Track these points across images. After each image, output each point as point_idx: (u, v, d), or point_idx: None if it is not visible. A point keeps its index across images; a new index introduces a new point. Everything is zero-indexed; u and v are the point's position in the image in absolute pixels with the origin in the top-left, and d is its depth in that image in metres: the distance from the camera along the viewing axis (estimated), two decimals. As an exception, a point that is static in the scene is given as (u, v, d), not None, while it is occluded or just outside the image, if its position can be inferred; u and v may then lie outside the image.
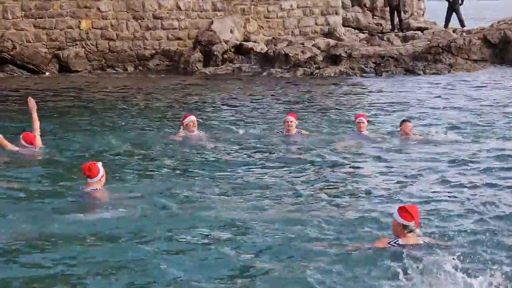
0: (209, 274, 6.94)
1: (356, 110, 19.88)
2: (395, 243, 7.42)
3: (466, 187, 11.98)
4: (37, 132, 14.01)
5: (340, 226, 9.21)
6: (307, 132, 16.12)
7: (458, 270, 6.69)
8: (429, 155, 14.27)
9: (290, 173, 12.77)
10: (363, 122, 15.84)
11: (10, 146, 13.53)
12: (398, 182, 11.76)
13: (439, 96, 22.85)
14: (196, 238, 8.59)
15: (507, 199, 11.21)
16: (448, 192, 11.61)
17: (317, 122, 18.28)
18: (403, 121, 16.06)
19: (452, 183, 12.00)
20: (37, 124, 14.07)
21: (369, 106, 21.26)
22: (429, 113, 19.59)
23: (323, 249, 7.95)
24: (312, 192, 11.36)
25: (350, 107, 21.21)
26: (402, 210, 8.38)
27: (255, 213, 10.03)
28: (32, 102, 13.99)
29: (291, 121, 15.54)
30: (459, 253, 7.32)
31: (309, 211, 10.16)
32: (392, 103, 21.50)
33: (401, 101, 21.73)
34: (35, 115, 13.66)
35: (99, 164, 10.60)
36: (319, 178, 12.39)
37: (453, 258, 6.96)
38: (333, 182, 12.04)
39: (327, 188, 11.60)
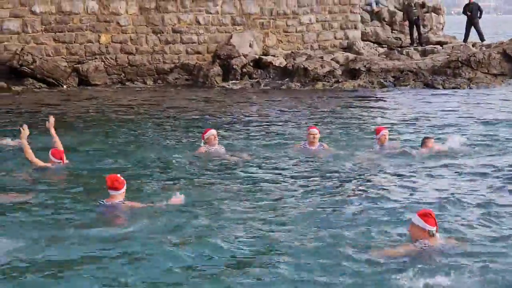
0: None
1: (376, 124, 19.59)
2: (424, 246, 7.42)
3: (483, 195, 11.88)
4: (61, 148, 14.12)
5: (361, 235, 9.03)
6: (328, 147, 15.98)
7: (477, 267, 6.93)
8: (450, 168, 13.94)
9: (311, 185, 12.47)
10: (384, 135, 15.69)
11: (40, 163, 13.65)
12: (415, 195, 11.49)
13: (457, 110, 22.78)
14: (223, 252, 8.30)
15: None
16: (466, 203, 11.31)
17: (337, 135, 18.07)
18: (426, 138, 15.99)
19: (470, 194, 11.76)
20: (57, 140, 14.04)
21: (388, 120, 21.07)
22: (448, 126, 19.31)
23: (376, 256, 7.77)
24: (336, 204, 11.14)
25: (370, 121, 21.08)
26: (426, 216, 8.44)
27: (278, 226, 9.80)
28: (51, 121, 13.99)
29: (315, 134, 15.45)
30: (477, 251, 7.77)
31: (336, 221, 10.05)
32: (412, 117, 21.30)
33: (420, 115, 21.50)
34: (53, 131, 13.61)
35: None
36: (341, 190, 12.20)
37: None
38: (354, 195, 11.82)
39: (349, 201, 11.39)
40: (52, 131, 13.83)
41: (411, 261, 8.05)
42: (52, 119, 14.20)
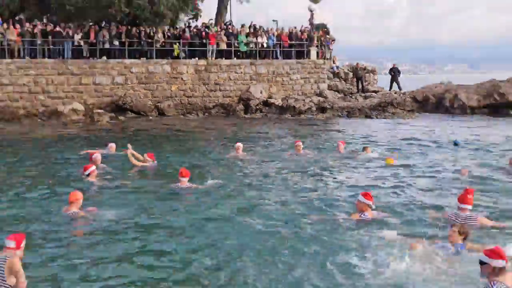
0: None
1: (336, 138, 22.30)
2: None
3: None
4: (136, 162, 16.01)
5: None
6: (309, 151, 18.30)
7: None
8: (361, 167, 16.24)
9: (299, 176, 14.74)
10: (340, 145, 18.31)
11: (140, 164, 15.75)
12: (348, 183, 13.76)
13: (385, 130, 25.60)
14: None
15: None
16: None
17: (312, 145, 20.44)
18: (365, 147, 18.52)
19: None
20: (133, 160, 15.76)
21: (344, 136, 23.36)
22: (379, 140, 22.10)
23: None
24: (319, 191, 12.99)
25: (334, 137, 23.60)
26: (367, 195, 10.23)
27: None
28: (129, 147, 15.72)
29: (300, 145, 17.95)
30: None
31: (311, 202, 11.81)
32: (358, 135, 23.95)
33: (363, 134, 24.11)
34: (130, 156, 15.27)
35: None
36: (319, 179, 14.43)
37: None
38: (327, 183, 14.03)
39: (325, 187, 13.51)
40: (129, 155, 15.27)
41: (357, 223, 9.90)
42: (129, 146, 15.85)
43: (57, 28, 31.11)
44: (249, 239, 9.01)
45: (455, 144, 19.87)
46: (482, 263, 6.37)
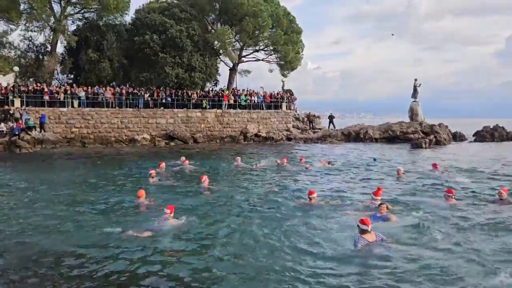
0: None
1: (298, 155, 21.77)
2: None
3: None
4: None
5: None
6: (285, 162, 17.11)
7: None
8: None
9: (280, 179, 13.60)
10: (302, 160, 17.81)
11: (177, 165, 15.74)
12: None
13: (328, 150, 25.24)
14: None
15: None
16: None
17: (288, 158, 18.89)
18: (329, 162, 17.45)
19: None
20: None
21: (302, 153, 22.87)
22: (324, 156, 21.15)
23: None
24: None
25: (297, 155, 22.77)
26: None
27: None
28: (151, 173, 13.21)
29: (284, 161, 17.13)
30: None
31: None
32: (308, 153, 23.32)
33: (313, 153, 23.74)
34: (151, 181, 12.88)
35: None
36: (299, 182, 13.19)
37: None
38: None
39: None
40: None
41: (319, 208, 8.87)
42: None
43: (135, 90, 31.46)
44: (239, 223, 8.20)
45: (374, 159, 19.22)
46: (357, 226, 6.57)
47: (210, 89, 36.96)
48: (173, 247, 6.77)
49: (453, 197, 9.78)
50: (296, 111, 40.76)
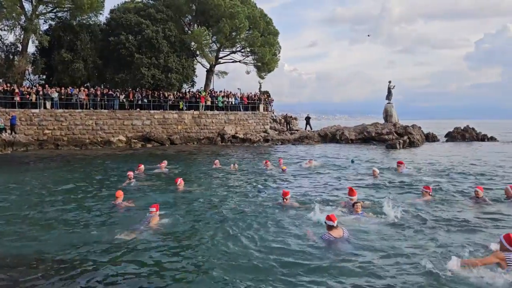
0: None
1: (276, 156, 21.82)
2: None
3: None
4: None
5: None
6: (270, 165, 16.63)
7: None
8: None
9: (258, 181, 13.60)
10: (280, 160, 17.67)
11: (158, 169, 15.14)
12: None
13: (305, 152, 24.82)
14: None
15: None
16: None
17: (260, 160, 19.20)
18: (309, 159, 17.68)
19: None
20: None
21: (280, 154, 22.90)
22: (300, 156, 21.82)
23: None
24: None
25: (275, 156, 22.84)
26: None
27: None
28: (129, 175, 13.24)
29: (268, 161, 17.06)
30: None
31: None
32: (287, 154, 23.46)
33: (291, 154, 23.58)
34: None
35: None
36: (281, 183, 13.04)
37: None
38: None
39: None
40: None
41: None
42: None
43: (110, 92, 30.94)
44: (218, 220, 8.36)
45: (352, 161, 19.12)
46: (324, 222, 6.74)
47: (187, 90, 36.68)
48: (158, 247, 6.78)
49: (430, 193, 10.02)
50: (273, 113, 40.58)
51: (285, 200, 9.29)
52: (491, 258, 5.33)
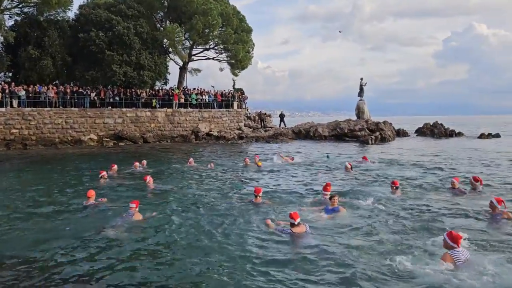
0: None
1: (252, 153, 21.85)
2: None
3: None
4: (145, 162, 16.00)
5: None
6: (249, 162, 16.64)
7: None
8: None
9: (232, 178, 13.67)
10: (256, 158, 17.14)
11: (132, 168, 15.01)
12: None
13: (277, 148, 25.27)
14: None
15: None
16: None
17: (241, 158, 19.40)
18: (292, 157, 17.92)
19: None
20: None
21: (252, 151, 23.01)
22: (276, 151, 21.71)
23: None
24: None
25: (250, 153, 22.85)
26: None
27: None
28: (103, 175, 13.04)
29: (247, 158, 17.20)
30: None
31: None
32: (261, 150, 23.66)
33: (262, 150, 23.88)
34: (103, 182, 12.75)
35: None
36: (261, 179, 13.17)
37: None
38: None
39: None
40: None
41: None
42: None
43: (80, 89, 30.43)
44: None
45: (327, 156, 19.16)
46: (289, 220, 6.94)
47: (160, 88, 36.37)
48: (137, 242, 6.88)
49: (397, 187, 10.32)
50: (247, 110, 40.66)
51: (257, 197, 9.26)
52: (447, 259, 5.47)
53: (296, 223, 6.80)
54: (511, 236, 6.84)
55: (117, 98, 31.02)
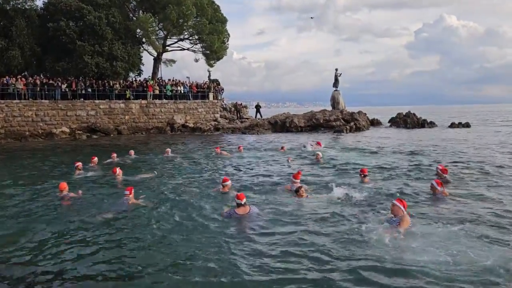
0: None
1: (236, 144, 21.65)
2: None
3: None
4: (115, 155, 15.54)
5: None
6: (226, 153, 17.07)
7: None
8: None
9: (204, 168, 13.61)
10: (241, 147, 18.12)
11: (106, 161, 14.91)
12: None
13: (254, 140, 24.96)
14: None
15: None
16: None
17: (211, 148, 19.23)
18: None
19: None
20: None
21: (228, 143, 23.26)
22: (251, 143, 22.24)
23: None
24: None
25: (225, 144, 22.80)
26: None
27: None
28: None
29: (218, 147, 17.47)
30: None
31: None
32: (236, 142, 23.38)
33: (238, 142, 23.46)
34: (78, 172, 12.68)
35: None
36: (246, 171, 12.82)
37: None
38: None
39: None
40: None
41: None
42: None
43: (50, 81, 29.98)
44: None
45: (304, 146, 19.04)
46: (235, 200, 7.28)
47: (134, 79, 36.22)
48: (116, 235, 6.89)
49: (365, 175, 10.52)
50: (223, 101, 40.74)
51: (223, 187, 9.31)
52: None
53: (242, 203, 7.10)
54: (450, 209, 7.67)
55: (89, 89, 30.69)
